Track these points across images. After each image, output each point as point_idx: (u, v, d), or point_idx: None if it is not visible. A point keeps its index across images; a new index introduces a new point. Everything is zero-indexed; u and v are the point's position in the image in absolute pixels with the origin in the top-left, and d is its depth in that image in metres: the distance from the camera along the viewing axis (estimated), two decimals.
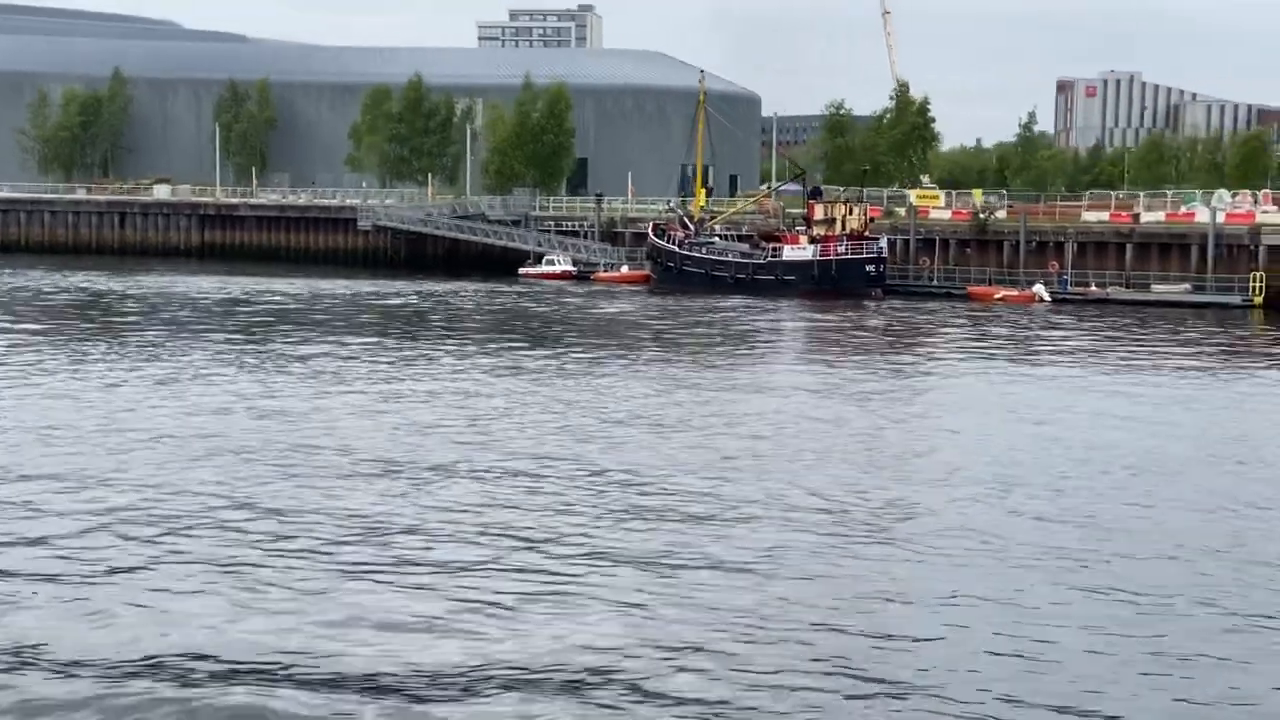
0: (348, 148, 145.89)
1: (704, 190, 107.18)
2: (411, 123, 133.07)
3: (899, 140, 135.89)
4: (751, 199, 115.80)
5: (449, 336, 62.27)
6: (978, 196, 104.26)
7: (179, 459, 32.05)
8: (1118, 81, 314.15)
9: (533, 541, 25.25)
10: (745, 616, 21.09)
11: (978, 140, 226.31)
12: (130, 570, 23.09)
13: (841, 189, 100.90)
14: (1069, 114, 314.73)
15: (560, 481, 30.49)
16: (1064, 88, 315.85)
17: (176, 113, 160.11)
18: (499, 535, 25.67)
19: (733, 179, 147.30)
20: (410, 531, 25.84)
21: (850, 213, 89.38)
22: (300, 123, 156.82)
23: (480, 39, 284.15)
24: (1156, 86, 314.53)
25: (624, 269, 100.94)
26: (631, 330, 67.77)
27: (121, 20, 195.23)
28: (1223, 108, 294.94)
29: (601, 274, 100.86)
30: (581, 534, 25.91)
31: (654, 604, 21.64)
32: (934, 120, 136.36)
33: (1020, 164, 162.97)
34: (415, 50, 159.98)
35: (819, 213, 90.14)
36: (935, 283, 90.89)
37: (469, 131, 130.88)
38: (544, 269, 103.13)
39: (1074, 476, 32.04)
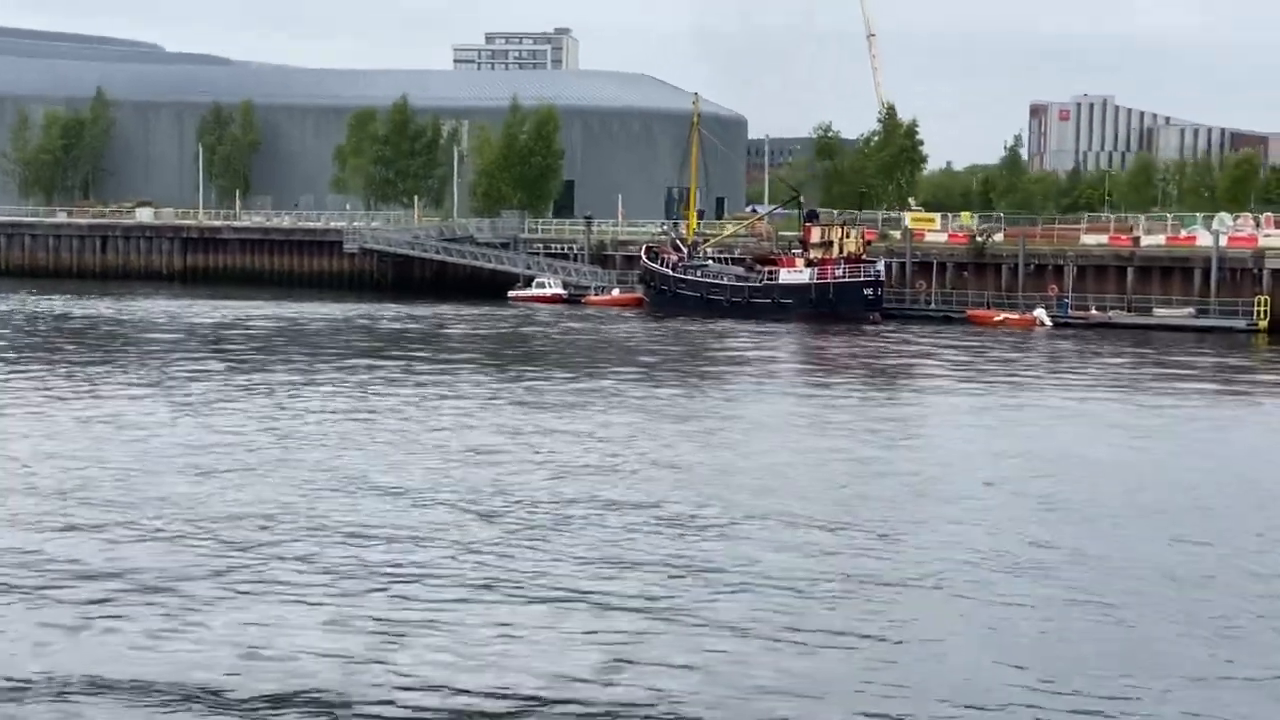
0: (332, 170, 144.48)
1: (692, 214, 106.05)
2: (397, 145, 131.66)
3: (887, 163, 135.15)
4: (743, 222, 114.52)
5: (443, 364, 60.88)
6: (966, 220, 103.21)
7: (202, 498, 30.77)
8: (1091, 105, 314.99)
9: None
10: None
11: (948, 163, 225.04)
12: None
13: (835, 212, 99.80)
14: (1043, 137, 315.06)
15: (584, 523, 29.35)
16: (1037, 111, 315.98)
17: (159, 135, 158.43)
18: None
19: (719, 201, 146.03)
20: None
21: (847, 236, 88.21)
22: (283, 145, 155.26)
23: (456, 62, 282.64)
24: (1130, 110, 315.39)
25: (615, 292, 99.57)
26: (628, 355, 66.46)
27: (104, 42, 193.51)
28: (1196, 131, 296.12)
29: (592, 297, 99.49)
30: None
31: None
32: (922, 143, 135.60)
33: (1006, 186, 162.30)
34: (399, 73, 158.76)
35: (815, 235, 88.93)
36: (933, 306, 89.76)
37: (456, 154, 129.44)
38: (534, 292, 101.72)
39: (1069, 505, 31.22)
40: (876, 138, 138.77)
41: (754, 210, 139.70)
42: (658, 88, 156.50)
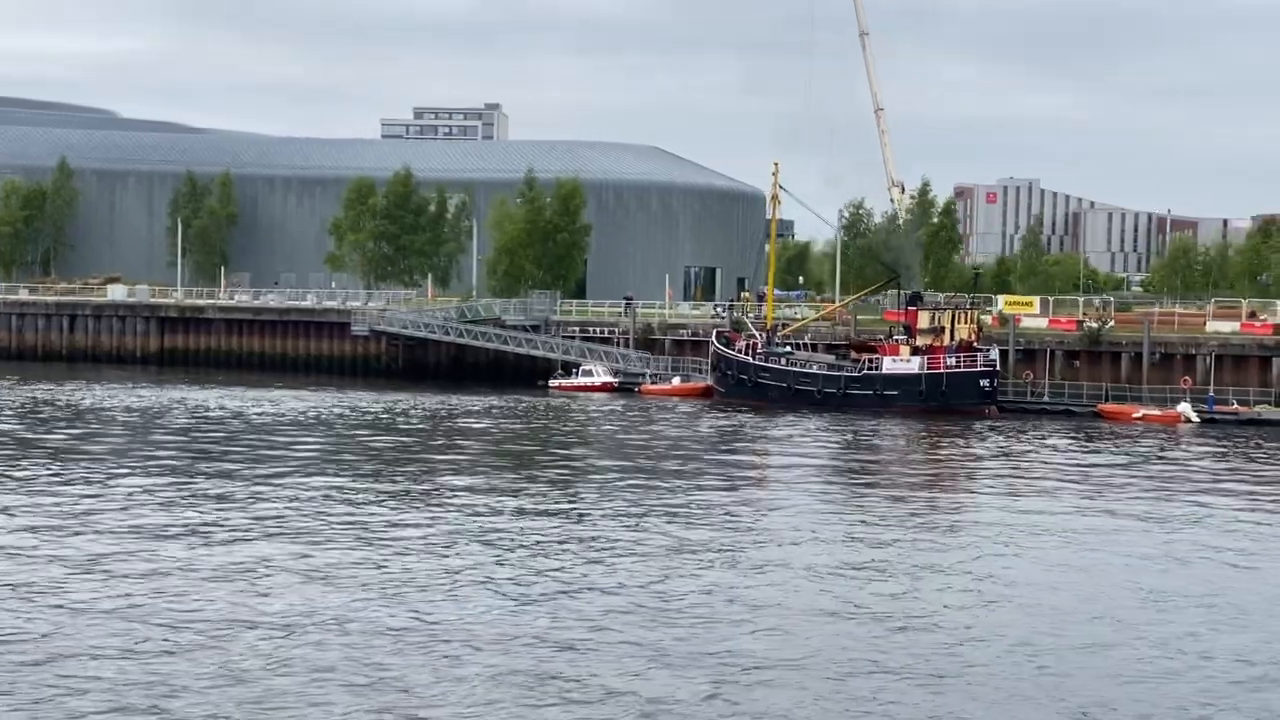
0: (316, 244, 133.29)
1: (746, 296, 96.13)
2: (400, 218, 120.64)
3: (924, 243, 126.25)
4: (807, 304, 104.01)
5: (512, 469, 50.12)
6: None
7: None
8: (1017, 188, 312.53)
9: None
10: None
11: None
12: None
13: (941, 296, 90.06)
14: (969, 220, 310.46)
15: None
16: (963, 193, 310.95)
17: (126, 207, 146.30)
18: None
19: (740, 281, 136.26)
20: None
21: (960, 321, 78.46)
22: (262, 219, 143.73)
23: (384, 136, 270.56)
24: (1055, 193, 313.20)
25: (676, 381, 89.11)
26: (745, 456, 56.21)
27: (60, 109, 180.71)
28: (1124, 215, 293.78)
29: (650, 386, 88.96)
30: None
31: None
32: (959, 222, 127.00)
33: (1026, 270, 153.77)
34: (386, 142, 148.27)
35: (924, 321, 79.06)
36: (1046, 399, 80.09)
37: (475, 228, 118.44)
38: (581, 381, 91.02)
39: None
40: (909, 215, 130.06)
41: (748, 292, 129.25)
42: (668, 159, 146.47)
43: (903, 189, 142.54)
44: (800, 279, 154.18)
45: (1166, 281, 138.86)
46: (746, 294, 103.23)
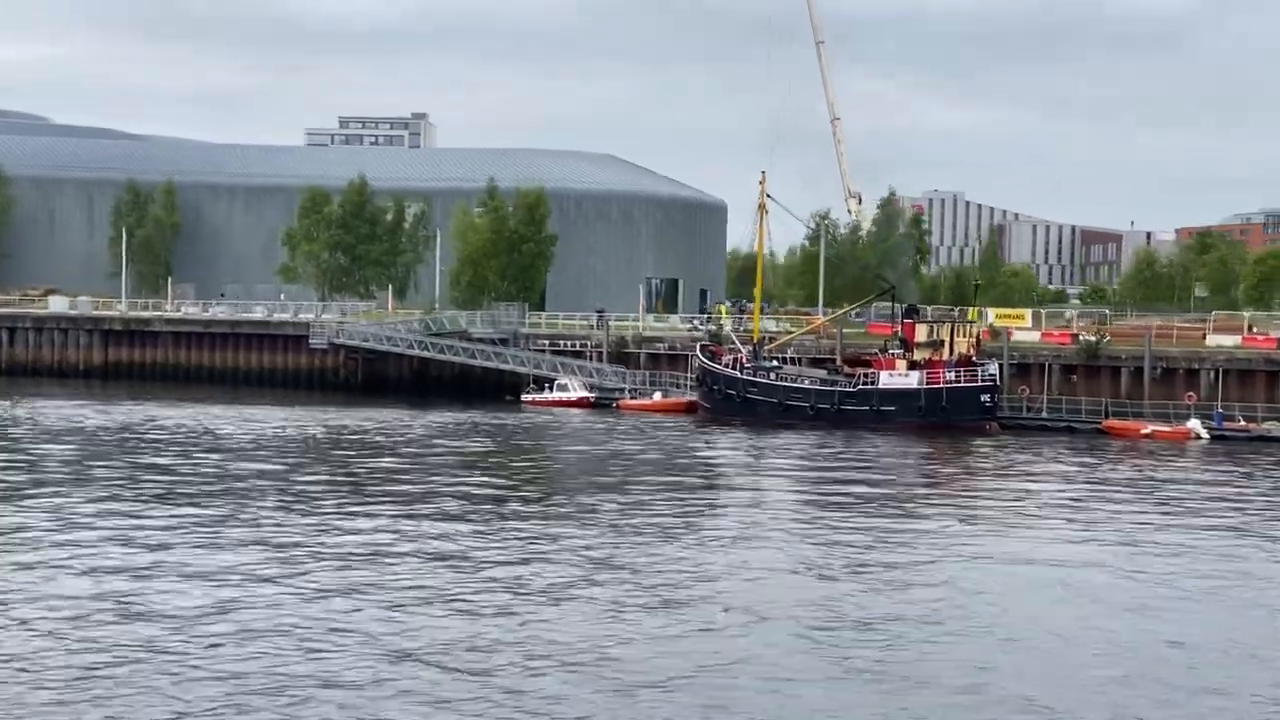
0: (264, 255, 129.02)
1: (723, 308, 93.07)
2: (355, 228, 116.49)
3: (888, 252, 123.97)
4: (784, 316, 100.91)
5: (516, 490, 46.61)
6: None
7: None
8: (942, 201, 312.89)
9: None
10: None
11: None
12: None
13: (929, 308, 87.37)
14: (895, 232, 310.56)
15: None
16: (888, 205, 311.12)
17: (65, 215, 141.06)
18: None
19: (702, 293, 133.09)
20: None
21: (959, 334, 75.65)
22: (206, 228, 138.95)
23: (310, 145, 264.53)
24: (980, 206, 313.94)
25: (657, 396, 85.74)
26: (763, 477, 52.98)
27: None
28: (1048, 228, 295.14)
29: (629, 401, 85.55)
30: None
31: None
32: (929, 233, 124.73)
33: (986, 282, 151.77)
34: (338, 149, 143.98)
35: (922, 334, 76.14)
36: (1045, 414, 77.47)
37: (438, 238, 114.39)
38: (556, 395, 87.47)
39: None
40: (874, 227, 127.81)
41: (726, 304, 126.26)
42: (627, 168, 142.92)
43: (860, 199, 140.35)
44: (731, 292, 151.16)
45: (1132, 294, 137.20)
46: (722, 306, 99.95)
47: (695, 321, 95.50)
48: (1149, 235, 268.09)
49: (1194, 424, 71.68)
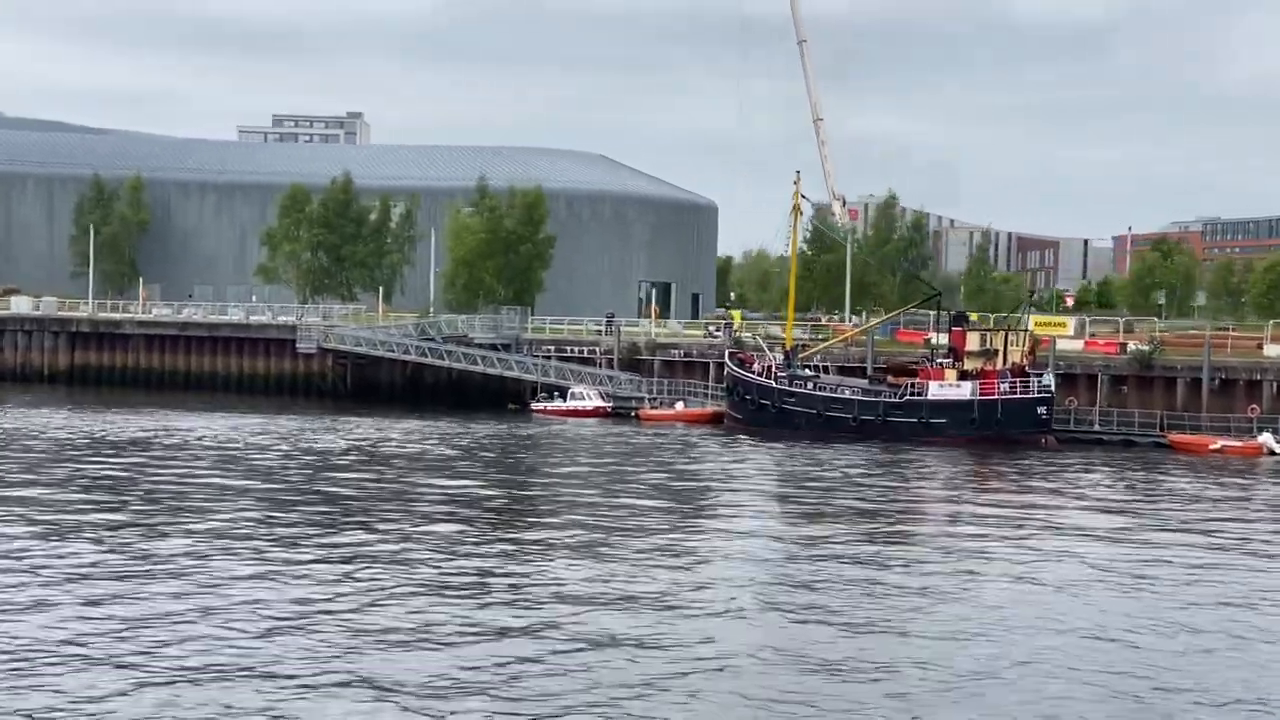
0: (236, 255, 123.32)
1: (736, 312, 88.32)
2: (340, 228, 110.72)
3: (890, 256, 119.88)
4: (807, 323, 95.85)
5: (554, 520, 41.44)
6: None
7: None
8: (878, 206, 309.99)
9: None
10: None
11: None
12: None
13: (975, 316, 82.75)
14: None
15: None
16: (820, 210, 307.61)
17: (24, 211, 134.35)
18: None
19: (695, 297, 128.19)
20: None
21: (1012, 343, 71.07)
22: (175, 226, 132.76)
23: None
24: (914, 211, 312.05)
25: (680, 406, 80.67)
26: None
27: None
28: (985, 233, 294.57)
29: (650, 411, 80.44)
30: None
31: None
32: (928, 236, 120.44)
33: (975, 288, 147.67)
34: (316, 146, 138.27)
35: (973, 343, 71.48)
36: (1098, 426, 73.05)
37: (432, 239, 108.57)
38: (570, 405, 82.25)
39: None
40: (872, 230, 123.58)
41: (739, 309, 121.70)
42: (618, 168, 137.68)
43: (843, 202, 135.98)
44: (731, 295, 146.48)
45: (1130, 300, 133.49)
46: (735, 311, 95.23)
47: (711, 328, 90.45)
48: (1086, 242, 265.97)
49: (1266, 438, 67.40)
